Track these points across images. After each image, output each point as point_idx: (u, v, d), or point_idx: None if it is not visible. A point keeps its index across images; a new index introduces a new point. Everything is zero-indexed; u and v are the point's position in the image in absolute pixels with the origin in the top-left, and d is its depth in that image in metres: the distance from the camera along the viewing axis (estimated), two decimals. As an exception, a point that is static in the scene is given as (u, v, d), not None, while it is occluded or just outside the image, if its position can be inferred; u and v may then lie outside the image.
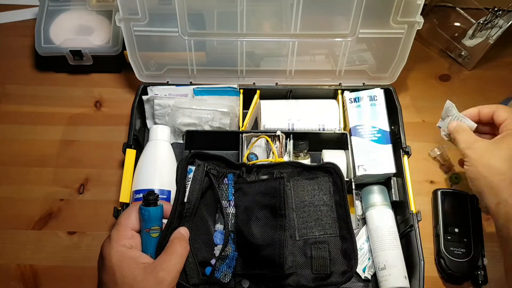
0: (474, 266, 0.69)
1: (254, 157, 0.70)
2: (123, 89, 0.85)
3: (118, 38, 0.82)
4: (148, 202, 0.52)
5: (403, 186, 0.71)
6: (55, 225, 0.73)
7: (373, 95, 0.76)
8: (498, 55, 0.90)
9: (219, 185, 0.62)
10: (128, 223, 0.51)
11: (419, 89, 0.87)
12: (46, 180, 0.77)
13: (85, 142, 0.80)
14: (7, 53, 0.89)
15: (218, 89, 0.79)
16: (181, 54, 0.78)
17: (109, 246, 0.49)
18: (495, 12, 0.79)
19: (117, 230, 0.50)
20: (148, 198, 0.52)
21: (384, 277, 0.65)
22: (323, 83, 0.81)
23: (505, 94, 0.85)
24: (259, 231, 0.59)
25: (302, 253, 0.60)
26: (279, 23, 0.76)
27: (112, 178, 0.76)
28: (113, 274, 0.47)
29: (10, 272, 0.70)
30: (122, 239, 0.49)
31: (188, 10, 0.72)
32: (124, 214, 0.52)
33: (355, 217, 0.70)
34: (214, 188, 0.61)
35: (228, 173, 0.63)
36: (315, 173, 0.65)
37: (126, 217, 0.52)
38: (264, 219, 0.60)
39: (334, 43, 0.78)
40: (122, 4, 0.71)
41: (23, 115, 0.82)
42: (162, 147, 0.72)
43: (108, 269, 0.48)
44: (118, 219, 0.52)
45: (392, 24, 0.74)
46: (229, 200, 0.62)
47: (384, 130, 0.74)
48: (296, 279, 0.59)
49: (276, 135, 0.72)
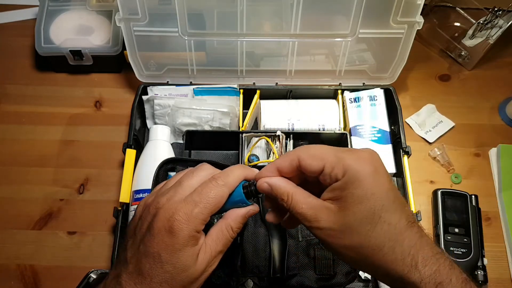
0: (474, 266, 0.69)
1: (255, 159, 0.70)
2: (123, 89, 0.85)
3: (118, 38, 0.82)
4: (252, 193, 0.45)
5: (403, 186, 0.71)
6: (55, 225, 0.73)
7: (373, 95, 0.76)
8: (498, 55, 0.90)
9: None
10: (216, 209, 0.43)
11: (419, 89, 0.87)
12: (46, 180, 0.77)
13: (85, 142, 0.80)
14: (7, 53, 0.89)
15: (218, 89, 0.79)
16: (181, 54, 0.78)
17: (187, 223, 0.41)
18: (495, 12, 0.79)
19: (203, 209, 0.42)
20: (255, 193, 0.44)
21: (384, 277, 0.65)
22: (323, 83, 0.81)
23: (505, 94, 0.85)
24: (246, 233, 0.60)
25: (305, 254, 0.60)
26: (279, 23, 0.76)
27: (112, 178, 0.76)
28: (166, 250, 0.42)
29: (10, 272, 0.70)
30: (200, 225, 0.43)
31: (188, 10, 0.72)
32: (218, 198, 0.43)
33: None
34: None
35: None
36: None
37: (219, 201, 0.43)
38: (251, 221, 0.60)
39: (334, 43, 0.78)
40: (122, 4, 0.71)
41: (23, 115, 0.82)
42: (162, 147, 0.72)
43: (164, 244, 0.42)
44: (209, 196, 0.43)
45: (392, 24, 0.74)
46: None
47: (384, 130, 0.74)
48: (299, 280, 0.59)
49: (276, 135, 0.72)
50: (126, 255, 0.44)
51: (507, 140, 0.80)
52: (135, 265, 0.43)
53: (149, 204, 0.45)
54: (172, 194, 0.44)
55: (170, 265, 0.42)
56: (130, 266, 0.43)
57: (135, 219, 0.46)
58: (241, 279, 0.59)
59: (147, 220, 0.44)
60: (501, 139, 0.80)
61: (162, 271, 0.42)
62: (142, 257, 0.43)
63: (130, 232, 0.46)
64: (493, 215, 0.75)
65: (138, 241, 0.44)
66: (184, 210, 0.42)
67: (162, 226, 0.42)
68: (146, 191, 0.66)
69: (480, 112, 0.84)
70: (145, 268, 0.42)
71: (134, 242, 0.44)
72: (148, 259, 0.42)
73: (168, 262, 0.42)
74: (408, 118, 0.83)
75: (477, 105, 0.85)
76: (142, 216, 0.45)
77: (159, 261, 0.42)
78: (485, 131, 0.82)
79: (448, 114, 0.83)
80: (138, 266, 0.43)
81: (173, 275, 0.42)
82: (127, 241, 0.45)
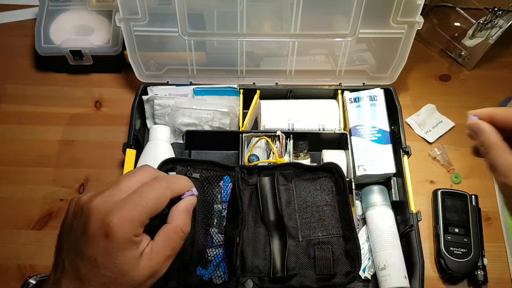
0: (474, 266, 0.69)
1: (255, 159, 0.70)
2: (123, 89, 0.85)
3: (118, 38, 0.82)
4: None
5: (403, 186, 0.71)
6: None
7: (373, 95, 0.76)
8: (498, 55, 0.90)
9: (212, 189, 0.62)
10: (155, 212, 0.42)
11: (419, 89, 0.87)
12: (46, 180, 0.77)
13: (85, 142, 0.80)
14: (7, 53, 0.89)
15: (218, 89, 0.79)
16: (181, 54, 0.78)
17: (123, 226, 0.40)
18: (495, 12, 0.79)
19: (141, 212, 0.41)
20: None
21: (384, 277, 0.65)
22: (323, 83, 0.81)
23: (505, 94, 0.85)
24: (246, 233, 0.60)
25: (305, 254, 0.60)
26: (279, 23, 0.76)
27: (112, 178, 0.76)
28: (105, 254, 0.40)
29: (10, 272, 0.70)
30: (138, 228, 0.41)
31: (188, 10, 0.72)
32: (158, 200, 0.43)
33: (355, 217, 0.70)
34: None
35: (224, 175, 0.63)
36: (317, 174, 0.65)
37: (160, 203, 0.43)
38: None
39: (334, 43, 0.78)
40: (122, 4, 0.71)
41: (23, 115, 0.82)
42: (162, 147, 0.72)
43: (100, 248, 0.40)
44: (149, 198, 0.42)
45: (392, 24, 0.74)
46: (224, 202, 0.62)
47: (384, 130, 0.74)
48: (299, 280, 0.59)
49: (276, 135, 0.72)
50: (64, 258, 0.42)
51: (507, 140, 0.80)
52: (73, 269, 0.41)
53: (82, 203, 0.42)
54: (107, 194, 0.42)
55: (107, 270, 0.40)
56: (68, 270, 0.41)
57: (68, 217, 0.43)
58: (241, 279, 0.59)
59: (81, 222, 0.41)
60: (501, 139, 0.80)
61: (99, 275, 0.40)
62: (79, 261, 0.41)
63: (64, 231, 0.43)
64: (493, 215, 0.75)
65: (74, 244, 0.42)
66: (120, 212, 0.40)
67: (97, 229, 0.40)
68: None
69: (480, 112, 0.84)
70: (82, 272, 0.40)
71: (70, 244, 0.42)
72: (84, 263, 0.41)
73: (105, 266, 0.40)
74: (408, 118, 0.83)
75: (477, 105, 0.85)
76: (76, 216, 0.42)
77: (96, 265, 0.40)
78: (485, 131, 0.82)
79: (448, 114, 0.83)
80: (76, 270, 0.41)
81: (111, 279, 0.41)
82: (63, 242, 0.43)
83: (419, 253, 0.65)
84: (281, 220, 0.61)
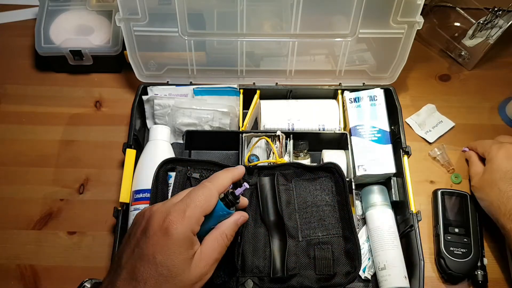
0: (474, 266, 0.69)
1: (255, 159, 0.70)
2: (123, 89, 0.85)
3: (118, 38, 0.82)
4: (231, 202, 0.50)
5: (403, 186, 0.71)
6: (55, 225, 0.73)
7: (373, 95, 0.76)
8: (498, 55, 0.90)
9: None
10: (207, 208, 0.47)
11: (419, 89, 0.87)
12: (46, 180, 0.77)
13: (85, 142, 0.80)
14: (7, 53, 0.89)
15: (218, 89, 0.79)
16: (181, 54, 0.78)
17: (181, 222, 0.44)
18: (495, 12, 0.79)
19: (194, 209, 0.46)
20: (230, 199, 0.50)
21: (384, 277, 0.65)
22: (323, 83, 0.81)
23: (505, 94, 0.85)
24: (246, 233, 0.61)
25: (305, 254, 0.60)
26: (279, 23, 0.76)
27: (112, 178, 0.76)
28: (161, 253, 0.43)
29: (10, 272, 0.70)
30: (195, 225, 0.46)
31: (188, 10, 0.72)
32: (206, 197, 0.47)
33: (355, 217, 0.70)
34: None
35: None
36: (317, 174, 0.65)
37: (208, 200, 0.47)
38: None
39: (334, 43, 0.78)
40: (122, 4, 0.71)
41: (23, 115, 0.82)
42: (162, 147, 0.72)
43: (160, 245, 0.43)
44: (198, 196, 0.47)
45: (392, 24, 0.74)
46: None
47: (384, 130, 0.74)
48: (299, 280, 0.59)
49: (276, 135, 0.72)
50: (121, 261, 0.44)
51: (507, 140, 0.80)
52: (129, 270, 0.43)
53: (143, 211, 0.47)
54: (165, 201, 0.48)
55: (165, 268, 0.43)
56: (124, 272, 0.43)
57: (130, 229, 0.48)
58: (241, 279, 0.59)
59: (142, 225, 0.45)
60: (501, 139, 0.80)
61: (156, 274, 0.42)
62: (137, 260, 0.43)
63: (125, 239, 0.47)
64: (493, 215, 0.75)
65: (133, 246, 0.45)
66: (178, 211, 0.45)
67: (157, 227, 0.44)
68: (146, 191, 0.66)
69: (480, 112, 0.84)
70: (139, 272, 0.43)
71: (128, 247, 0.45)
72: (142, 262, 0.43)
73: (163, 264, 0.43)
74: (408, 118, 0.83)
75: (477, 105, 0.85)
76: (136, 222, 0.47)
77: (154, 263, 0.43)
78: (485, 131, 0.82)
79: (448, 114, 0.83)
80: (132, 271, 0.43)
81: (167, 279, 0.43)
82: (122, 247, 0.46)
83: (419, 253, 0.65)
84: (281, 220, 0.61)
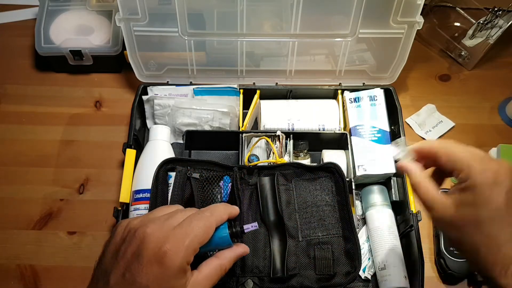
0: (474, 266, 0.69)
1: (255, 159, 0.70)
2: (123, 89, 0.85)
3: (118, 38, 0.82)
4: (237, 234, 0.49)
5: (403, 186, 0.71)
6: (55, 225, 0.73)
7: (373, 95, 0.76)
8: (498, 55, 0.90)
9: (212, 189, 0.62)
10: (205, 240, 0.45)
11: (419, 89, 0.87)
12: (46, 180, 0.77)
13: (85, 142, 0.80)
14: (7, 53, 0.89)
15: (218, 89, 0.79)
16: (181, 54, 0.78)
17: (179, 254, 0.42)
18: (495, 12, 0.79)
19: (194, 239, 0.43)
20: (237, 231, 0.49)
21: (384, 277, 0.65)
22: (323, 83, 0.81)
23: (505, 94, 0.85)
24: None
25: (305, 254, 0.60)
26: (279, 23, 0.76)
27: (112, 178, 0.76)
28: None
29: (10, 272, 0.70)
30: (191, 256, 0.43)
31: (188, 10, 0.72)
32: (207, 228, 0.45)
33: (355, 217, 0.70)
34: (195, 192, 0.62)
35: (224, 175, 0.63)
36: (317, 174, 0.65)
37: (207, 232, 0.45)
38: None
39: (334, 43, 0.78)
40: (122, 4, 0.71)
41: (23, 115, 0.82)
42: (162, 147, 0.72)
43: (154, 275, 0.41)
44: (199, 227, 0.45)
45: (392, 24, 0.74)
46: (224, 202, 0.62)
47: (384, 130, 0.74)
48: (299, 280, 0.59)
49: (276, 135, 0.72)
50: (109, 280, 0.42)
51: (507, 140, 0.80)
52: None
53: (134, 228, 0.43)
54: (162, 221, 0.44)
55: None
56: None
57: (116, 240, 0.44)
58: (241, 279, 0.59)
59: (133, 245, 0.42)
60: (501, 139, 0.80)
61: None
62: (128, 286, 0.41)
63: (110, 253, 0.44)
64: (493, 215, 0.75)
65: (123, 268, 0.42)
66: (175, 240, 0.42)
67: (152, 255, 0.41)
68: (146, 191, 0.66)
69: (480, 112, 0.84)
70: None
71: (117, 267, 0.42)
72: None
73: None
74: (408, 118, 0.83)
75: (477, 105, 0.85)
76: (126, 239, 0.43)
77: None
78: (485, 131, 0.82)
79: (448, 114, 0.83)
80: None
81: None
82: (109, 263, 0.43)
83: (419, 253, 0.65)
84: (281, 220, 0.61)
